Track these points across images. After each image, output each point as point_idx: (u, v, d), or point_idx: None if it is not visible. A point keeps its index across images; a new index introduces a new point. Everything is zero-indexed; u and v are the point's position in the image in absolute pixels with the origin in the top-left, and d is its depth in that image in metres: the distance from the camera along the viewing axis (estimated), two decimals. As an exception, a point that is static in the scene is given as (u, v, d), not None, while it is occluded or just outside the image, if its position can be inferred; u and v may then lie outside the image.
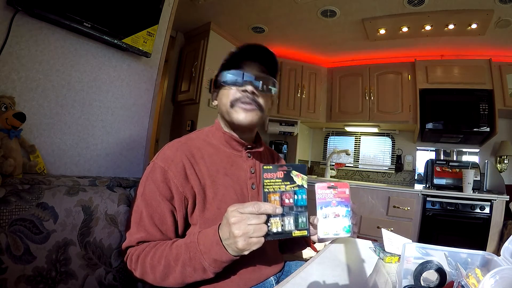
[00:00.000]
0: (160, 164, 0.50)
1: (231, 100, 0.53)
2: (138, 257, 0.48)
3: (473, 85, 1.85)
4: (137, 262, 0.47)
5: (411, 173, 2.25)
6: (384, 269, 0.46)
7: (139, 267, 0.47)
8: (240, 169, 0.57)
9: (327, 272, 0.44)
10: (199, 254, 0.43)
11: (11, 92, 0.64)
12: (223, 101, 0.55)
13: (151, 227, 0.49)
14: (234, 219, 0.39)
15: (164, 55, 0.97)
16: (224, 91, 0.55)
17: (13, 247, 0.44)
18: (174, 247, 0.46)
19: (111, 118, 0.85)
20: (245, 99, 0.52)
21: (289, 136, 2.42)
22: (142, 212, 0.49)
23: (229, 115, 0.54)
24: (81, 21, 0.71)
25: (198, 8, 1.74)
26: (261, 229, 0.39)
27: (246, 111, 0.53)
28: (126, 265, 0.51)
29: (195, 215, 0.51)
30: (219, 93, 0.57)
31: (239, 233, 0.38)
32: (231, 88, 0.53)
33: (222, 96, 0.55)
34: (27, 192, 0.48)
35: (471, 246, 1.55)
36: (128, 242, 0.50)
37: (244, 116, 0.52)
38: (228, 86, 0.53)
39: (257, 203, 0.39)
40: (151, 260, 0.46)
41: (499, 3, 1.41)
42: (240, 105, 0.53)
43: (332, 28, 1.83)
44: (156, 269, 0.45)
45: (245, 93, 0.52)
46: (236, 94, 0.53)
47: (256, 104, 0.53)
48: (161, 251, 0.46)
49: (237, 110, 0.53)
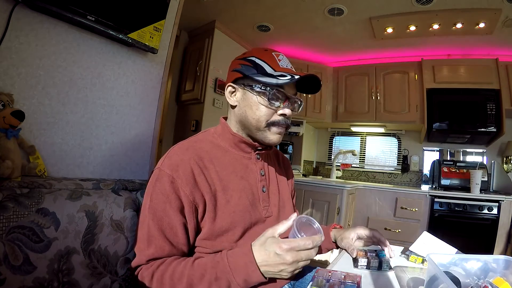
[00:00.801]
0: (167, 172, 0.47)
1: (268, 121, 0.52)
2: (153, 275, 0.45)
3: (480, 84, 1.84)
4: (152, 280, 0.44)
5: (418, 174, 2.23)
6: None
7: (154, 285, 0.44)
8: (250, 171, 0.55)
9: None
10: (228, 273, 0.42)
11: (9, 89, 0.61)
12: (256, 115, 0.52)
13: (161, 241, 0.46)
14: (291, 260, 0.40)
15: (171, 51, 0.94)
16: (261, 106, 0.51)
17: (11, 257, 0.41)
18: (197, 265, 0.44)
19: (115, 117, 0.82)
20: (283, 123, 0.53)
21: (295, 136, 2.40)
22: (150, 226, 0.46)
23: (260, 133, 0.53)
24: (84, 14, 0.68)
25: (202, 6, 1.72)
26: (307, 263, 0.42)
27: (279, 135, 0.54)
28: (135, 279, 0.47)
29: (205, 221, 0.48)
30: (247, 97, 0.53)
31: (292, 270, 0.41)
32: (271, 106, 0.51)
33: (256, 108, 0.51)
34: (26, 197, 0.45)
35: (479, 248, 1.55)
36: (138, 261, 0.47)
37: (277, 139, 0.54)
38: (270, 102, 0.51)
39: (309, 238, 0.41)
40: (170, 279, 0.43)
41: (507, 2, 1.41)
42: (275, 129, 0.53)
43: (339, 26, 1.82)
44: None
45: (283, 117, 0.53)
46: (274, 117, 0.52)
47: (287, 126, 0.55)
48: (182, 269, 0.44)
49: (272, 133, 0.53)
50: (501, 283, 0.35)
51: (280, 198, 0.60)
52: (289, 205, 0.63)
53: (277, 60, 0.53)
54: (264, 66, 0.52)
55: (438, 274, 0.34)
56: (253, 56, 0.53)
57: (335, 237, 0.66)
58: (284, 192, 0.63)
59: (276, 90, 0.51)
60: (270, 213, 0.56)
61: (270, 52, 0.54)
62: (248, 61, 0.53)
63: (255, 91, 0.51)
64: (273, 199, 0.58)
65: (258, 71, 0.51)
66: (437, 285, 0.35)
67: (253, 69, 0.52)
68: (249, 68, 0.52)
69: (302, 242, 0.40)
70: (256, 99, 0.51)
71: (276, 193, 0.59)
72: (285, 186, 0.64)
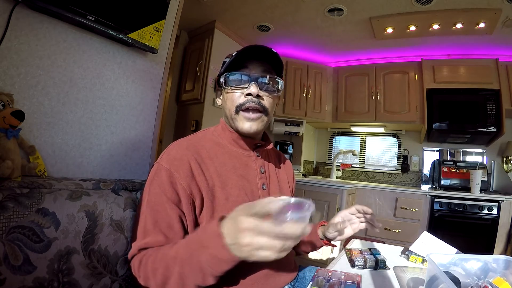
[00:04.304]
0: (165, 166, 0.47)
1: (235, 105, 0.51)
2: (141, 262, 0.43)
3: (480, 84, 1.84)
4: (140, 267, 0.43)
5: (418, 174, 2.23)
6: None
7: (142, 273, 0.43)
8: (250, 169, 0.55)
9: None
10: (198, 249, 0.36)
11: (9, 89, 0.61)
12: (227, 105, 0.53)
13: (155, 233, 0.45)
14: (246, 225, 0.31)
15: (171, 51, 0.94)
16: (228, 94, 0.53)
17: (11, 257, 0.41)
18: (176, 246, 0.40)
19: (115, 117, 0.82)
20: (250, 103, 0.50)
21: (295, 136, 2.40)
22: (147, 219, 0.46)
23: (233, 121, 0.53)
24: (84, 14, 0.67)
25: (202, 6, 1.72)
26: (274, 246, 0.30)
27: (251, 121, 0.51)
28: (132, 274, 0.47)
29: (203, 216, 0.48)
30: (223, 94, 0.56)
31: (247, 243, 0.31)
32: (234, 91, 0.51)
33: (226, 98, 0.54)
34: (26, 197, 0.45)
35: (479, 248, 1.55)
36: (132, 252, 0.47)
37: (249, 125, 0.51)
38: (232, 88, 0.51)
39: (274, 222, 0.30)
40: (152, 264, 0.41)
41: (507, 2, 1.41)
42: (244, 114, 0.51)
43: (339, 26, 1.82)
44: (156, 272, 0.40)
45: (249, 96, 0.50)
46: (241, 99, 0.51)
47: (262, 109, 0.52)
48: (162, 253, 0.41)
49: (241, 118, 0.51)
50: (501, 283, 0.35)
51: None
52: None
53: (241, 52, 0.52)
54: (226, 60, 0.55)
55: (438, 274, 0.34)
56: (226, 57, 0.56)
57: (323, 232, 0.63)
58: (285, 192, 0.62)
59: (235, 73, 0.51)
60: None
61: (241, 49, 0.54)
62: (222, 63, 0.56)
63: (223, 84, 0.53)
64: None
65: (223, 66, 0.54)
66: (437, 285, 0.35)
67: (222, 68, 0.55)
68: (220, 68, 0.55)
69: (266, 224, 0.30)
70: (225, 90, 0.53)
71: (276, 191, 0.59)
72: (286, 186, 0.64)
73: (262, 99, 0.51)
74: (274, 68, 0.54)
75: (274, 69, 0.54)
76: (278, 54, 0.52)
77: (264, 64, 0.53)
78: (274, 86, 0.52)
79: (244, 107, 0.50)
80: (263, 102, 0.51)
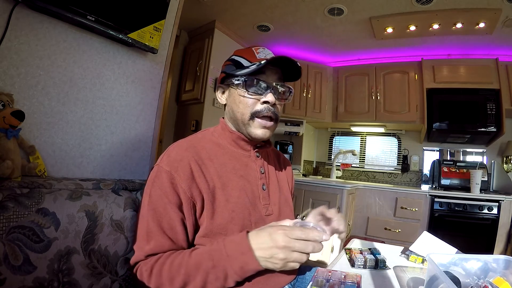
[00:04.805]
0: (165, 168, 0.47)
1: (251, 111, 0.51)
2: (152, 269, 0.44)
3: (480, 84, 1.84)
4: (151, 275, 0.44)
5: (418, 174, 2.23)
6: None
7: (153, 280, 0.44)
8: (250, 169, 0.55)
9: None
10: (225, 260, 0.41)
11: (9, 89, 0.61)
12: (240, 109, 0.52)
13: (160, 236, 0.46)
14: (283, 243, 0.38)
15: (171, 51, 0.94)
16: (242, 98, 0.52)
17: (11, 257, 0.41)
18: (195, 254, 0.43)
19: (115, 117, 0.82)
20: (266, 112, 0.51)
21: (295, 136, 2.40)
22: (149, 222, 0.46)
23: (245, 127, 0.53)
24: (84, 14, 0.67)
25: (202, 6, 1.72)
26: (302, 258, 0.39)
27: (265, 128, 0.52)
28: (134, 277, 0.47)
29: (203, 218, 0.48)
30: (231, 94, 0.54)
31: (283, 258, 0.39)
32: (251, 97, 0.51)
33: (238, 102, 0.52)
34: (26, 197, 0.45)
35: (479, 247, 1.55)
36: (137, 257, 0.47)
37: (263, 132, 0.53)
38: (249, 93, 0.51)
39: (305, 229, 0.40)
40: (168, 271, 0.43)
41: (507, 2, 1.41)
42: (260, 121, 0.52)
43: (339, 26, 1.82)
44: (174, 280, 0.42)
45: (266, 104, 0.51)
46: (257, 106, 0.51)
47: (275, 117, 0.53)
48: (180, 260, 0.43)
49: (256, 125, 0.52)
50: (501, 283, 0.35)
51: (281, 197, 0.60)
52: (290, 205, 0.63)
53: (255, 52, 0.53)
54: (241, 60, 0.54)
55: (438, 274, 0.34)
56: (234, 55, 0.56)
57: None
58: (285, 191, 0.62)
59: (254, 79, 0.51)
60: (271, 211, 0.56)
61: (250, 47, 0.55)
62: (230, 60, 0.56)
63: (235, 85, 0.53)
64: (274, 197, 0.57)
65: (236, 66, 0.54)
66: (437, 285, 0.35)
67: (232, 67, 0.54)
68: (229, 66, 0.55)
69: (298, 231, 0.39)
70: (237, 92, 0.52)
71: (276, 192, 0.59)
72: (285, 186, 0.64)
73: (275, 107, 0.53)
74: (283, 74, 0.55)
75: (283, 74, 0.55)
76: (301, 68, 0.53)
77: (278, 71, 0.54)
78: (285, 94, 0.54)
79: (261, 115, 0.51)
80: (276, 110, 0.53)
